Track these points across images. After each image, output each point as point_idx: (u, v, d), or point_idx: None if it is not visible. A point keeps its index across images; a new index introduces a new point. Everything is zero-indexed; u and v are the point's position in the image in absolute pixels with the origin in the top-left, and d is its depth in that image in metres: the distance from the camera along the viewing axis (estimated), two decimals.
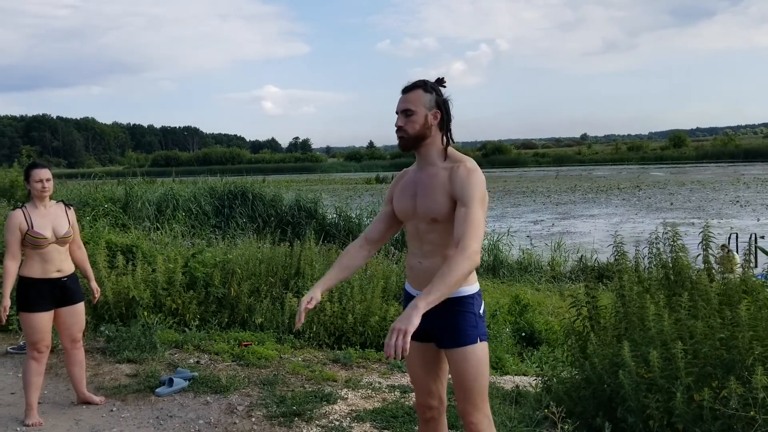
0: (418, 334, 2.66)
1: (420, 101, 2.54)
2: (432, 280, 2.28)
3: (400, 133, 2.57)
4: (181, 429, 3.95)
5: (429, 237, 2.57)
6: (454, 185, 2.49)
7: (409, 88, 2.58)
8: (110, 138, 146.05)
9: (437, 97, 2.57)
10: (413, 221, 2.63)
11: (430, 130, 2.56)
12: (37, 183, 4.18)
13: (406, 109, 2.55)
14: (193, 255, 7.03)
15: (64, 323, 4.28)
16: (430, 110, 2.54)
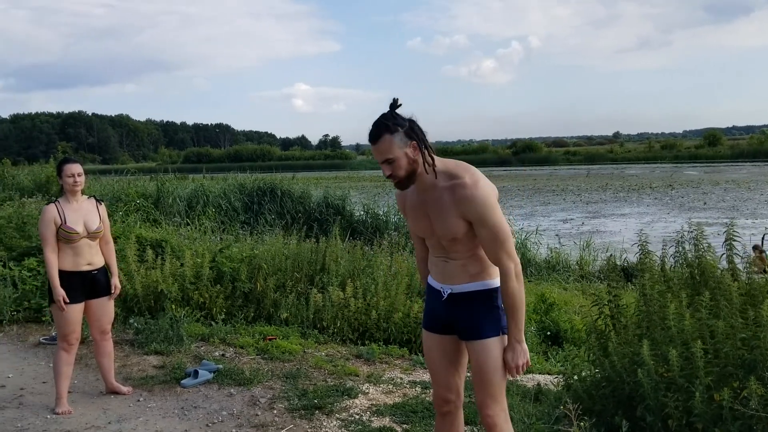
0: (441, 327, 2.71)
1: (393, 146, 2.46)
2: (508, 313, 2.57)
3: (393, 180, 2.54)
4: (204, 420, 4.04)
5: (454, 247, 2.61)
6: (462, 209, 2.48)
7: (375, 137, 2.48)
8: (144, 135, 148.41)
9: (404, 130, 2.48)
10: (435, 238, 2.66)
11: (417, 161, 2.50)
12: (69, 178, 4.30)
13: (387, 159, 2.48)
14: (220, 250, 7.14)
15: (93, 315, 4.40)
16: (405, 147, 2.47)
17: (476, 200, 2.45)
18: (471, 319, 2.61)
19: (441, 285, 2.69)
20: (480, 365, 2.60)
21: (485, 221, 2.46)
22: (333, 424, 3.94)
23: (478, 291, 2.60)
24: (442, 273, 2.68)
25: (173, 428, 3.92)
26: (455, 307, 2.64)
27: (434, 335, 2.76)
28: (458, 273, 2.62)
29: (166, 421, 4.04)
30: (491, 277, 2.61)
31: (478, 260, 2.59)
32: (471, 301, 2.60)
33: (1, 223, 8.33)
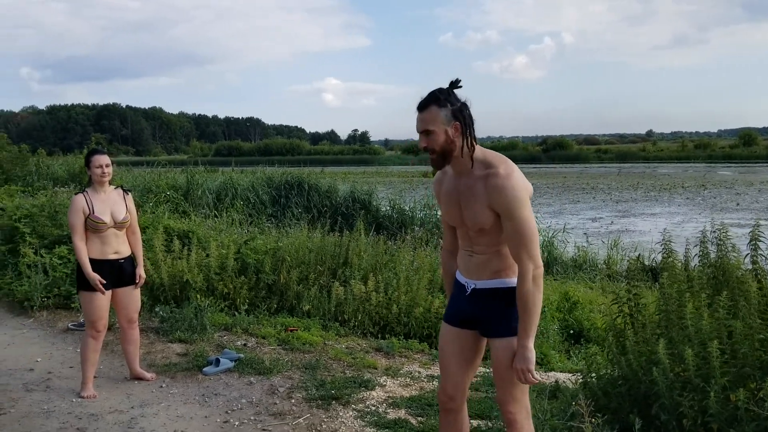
0: (461, 321, 2.72)
1: (436, 119, 2.50)
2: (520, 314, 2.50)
3: (428, 153, 2.57)
4: (224, 407, 4.13)
5: (479, 240, 2.62)
6: (492, 198, 2.48)
7: (424, 105, 2.53)
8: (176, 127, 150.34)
9: (453, 108, 2.51)
10: (463, 228, 2.68)
11: (455, 143, 2.53)
12: (97, 168, 4.41)
13: (425, 130, 2.53)
14: (245, 242, 7.24)
15: (120, 303, 4.51)
16: (448, 125, 2.50)
17: (506, 191, 2.45)
18: (494, 316, 2.61)
19: (466, 279, 2.70)
20: (502, 363, 2.59)
21: (512, 214, 2.45)
22: (349, 414, 3.99)
23: (501, 288, 2.59)
24: (468, 267, 2.69)
25: (194, 414, 4.01)
26: (478, 303, 2.65)
27: (453, 328, 2.77)
28: (482, 268, 2.63)
29: (187, 407, 4.13)
30: (515, 275, 2.57)
31: (502, 257, 2.59)
32: (494, 297, 2.60)
33: (34, 211, 8.55)
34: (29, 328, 6.05)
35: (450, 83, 2.58)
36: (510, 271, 2.60)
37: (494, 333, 2.63)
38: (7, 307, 6.70)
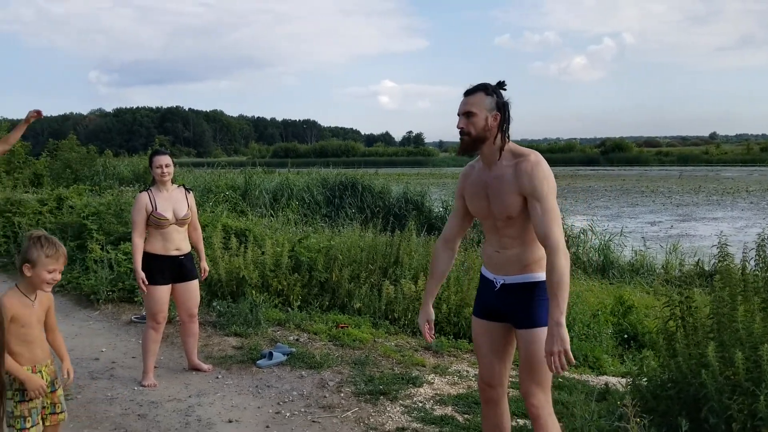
0: (490, 314, 2.79)
1: (481, 104, 2.64)
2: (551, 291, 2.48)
3: (462, 135, 2.68)
4: (276, 398, 4.27)
5: (506, 231, 2.69)
6: (521, 181, 2.59)
7: (471, 91, 2.69)
8: (236, 130, 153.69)
9: (498, 100, 2.66)
10: (490, 219, 2.74)
11: (491, 131, 2.65)
12: (158, 168, 4.63)
13: (467, 112, 2.66)
14: (299, 240, 7.42)
15: (180, 298, 4.72)
16: (490, 112, 2.64)
17: (535, 174, 2.57)
18: (523, 309, 2.68)
19: (494, 276, 2.76)
20: (529, 354, 2.66)
21: (540, 195, 2.56)
22: (396, 409, 4.07)
23: (530, 282, 2.67)
24: (496, 263, 2.75)
25: (247, 404, 4.17)
26: (507, 297, 2.72)
27: (483, 322, 2.85)
28: (511, 264, 2.70)
29: (241, 397, 4.29)
30: (541, 269, 2.66)
31: (529, 251, 2.67)
32: (523, 291, 2.68)
33: (101, 209, 8.97)
34: (95, 320, 6.37)
35: (497, 83, 2.73)
36: (536, 266, 2.67)
37: (523, 324, 2.70)
38: (75, 300, 7.06)
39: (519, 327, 2.71)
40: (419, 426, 3.82)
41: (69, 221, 9.12)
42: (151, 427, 3.81)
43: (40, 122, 14.77)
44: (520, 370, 2.75)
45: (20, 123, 5.32)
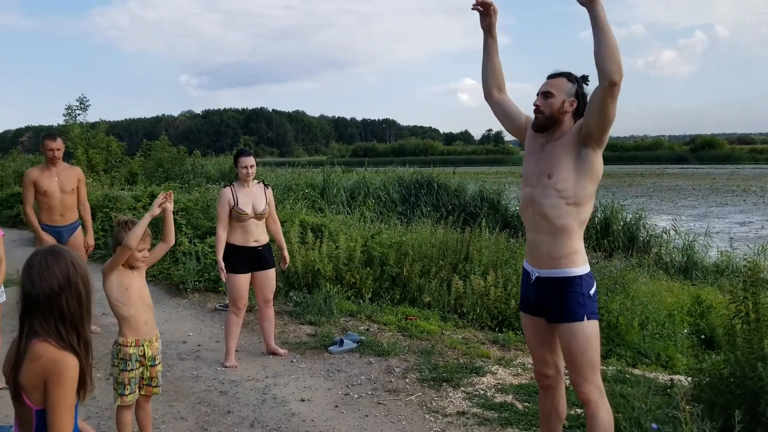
0: (532, 308, 2.92)
1: (562, 87, 2.79)
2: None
3: (536, 113, 2.82)
4: (345, 381, 4.54)
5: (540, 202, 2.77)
6: (583, 122, 2.71)
7: (555, 75, 2.84)
8: (317, 130, 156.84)
9: (578, 89, 2.79)
10: (530, 184, 2.85)
11: (564, 115, 2.78)
12: (243, 169, 4.99)
13: (546, 91, 2.80)
14: (372, 236, 7.69)
15: (258, 285, 5.07)
16: (568, 98, 2.78)
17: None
18: (557, 303, 2.78)
19: (531, 267, 2.88)
20: (567, 347, 2.77)
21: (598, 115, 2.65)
22: (458, 395, 4.25)
23: (563, 278, 2.75)
24: (532, 253, 2.87)
25: (318, 386, 4.46)
26: (542, 291, 2.83)
27: (528, 316, 2.97)
28: (545, 257, 2.79)
29: (313, 379, 4.59)
30: (575, 265, 2.75)
31: (561, 243, 2.75)
32: (557, 285, 2.77)
33: (189, 205, 9.56)
34: (183, 307, 6.87)
35: (582, 76, 2.86)
36: (569, 261, 2.75)
37: (557, 319, 2.79)
38: (166, 289, 7.61)
39: (554, 321, 2.81)
40: (479, 411, 3.99)
41: (161, 216, 9.74)
42: (232, 403, 4.15)
43: (135, 124, 15.02)
44: (566, 363, 2.86)
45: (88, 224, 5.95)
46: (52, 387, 1.73)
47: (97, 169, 18.16)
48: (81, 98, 20.44)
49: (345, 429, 3.76)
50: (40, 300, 1.77)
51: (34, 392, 1.75)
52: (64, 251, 1.87)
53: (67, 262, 1.81)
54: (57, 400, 1.73)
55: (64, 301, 1.78)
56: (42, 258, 1.82)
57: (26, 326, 1.81)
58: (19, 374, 1.76)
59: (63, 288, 1.78)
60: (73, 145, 18.74)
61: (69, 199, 5.58)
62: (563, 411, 3.10)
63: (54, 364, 1.74)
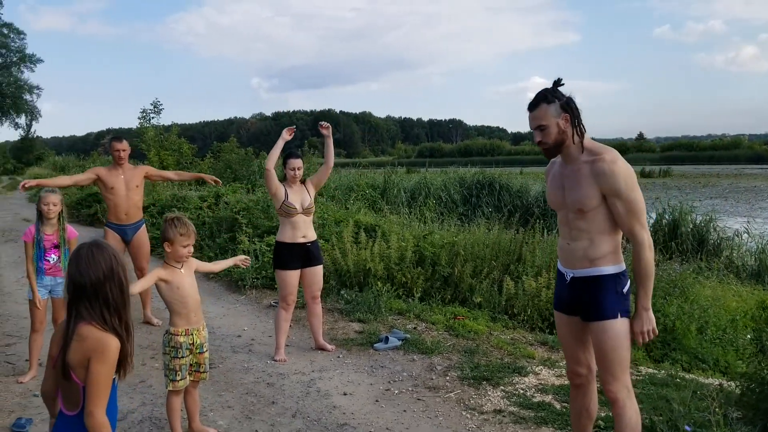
0: (566, 308, 2.97)
1: (547, 114, 2.80)
2: (638, 281, 2.78)
3: (541, 147, 2.87)
4: (387, 377, 4.66)
5: (577, 224, 2.85)
6: (600, 180, 2.73)
7: (533, 105, 2.83)
8: (383, 130, 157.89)
9: (560, 102, 2.79)
10: (564, 210, 2.92)
11: (566, 133, 2.82)
12: (291, 170, 5.20)
13: (538, 126, 2.82)
14: (424, 236, 7.78)
15: (307, 281, 5.24)
16: (558, 117, 2.79)
17: (615, 175, 2.70)
18: (591, 302, 2.81)
19: (565, 269, 2.93)
20: (598, 345, 2.81)
21: (621, 194, 2.70)
22: (497, 394, 4.30)
23: (597, 276, 2.80)
24: (566, 257, 2.92)
25: (361, 381, 4.59)
26: (577, 290, 2.87)
27: (562, 315, 3.01)
28: (579, 257, 2.84)
29: (357, 374, 4.73)
30: (610, 263, 2.79)
31: (597, 245, 2.80)
32: (591, 284, 2.81)
33: (251, 205, 9.90)
34: (241, 303, 7.14)
35: (553, 82, 2.87)
36: (604, 260, 2.79)
37: (591, 317, 2.83)
38: (226, 286, 7.92)
39: (588, 319, 2.85)
40: (515, 410, 4.03)
41: (224, 216, 10.16)
42: (277, 394, 4.34)
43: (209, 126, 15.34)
44: (596, 360, 2.89)
45: (199, 174, 6.68)
46: (94, 363, 1.91)
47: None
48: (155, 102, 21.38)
49: (382, 422, 3.87)
50: (86, 287, 1.97)
51: (81, 370, 1.94)
52: (107, 245, 2.07)
53: (110, 254, 2.01)
54: (96, 376, 1.91)
55: (108, 289, 1.97)
56: (88, 250, 2.02)
57: (74, 311, 2.01)
58: (67, 354, 1.95)
59: (107, 277, 1.98)
60: (147, 147, 19.64)
61: (134, 196, 5.91)
62: (594, 411, 3.12)
63: (98, 343, 1.93)
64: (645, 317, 2.77)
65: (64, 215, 4.67)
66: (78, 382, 1.95)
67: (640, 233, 2.72)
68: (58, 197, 4.63)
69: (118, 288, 2.02)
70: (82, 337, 1.95)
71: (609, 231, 2.79)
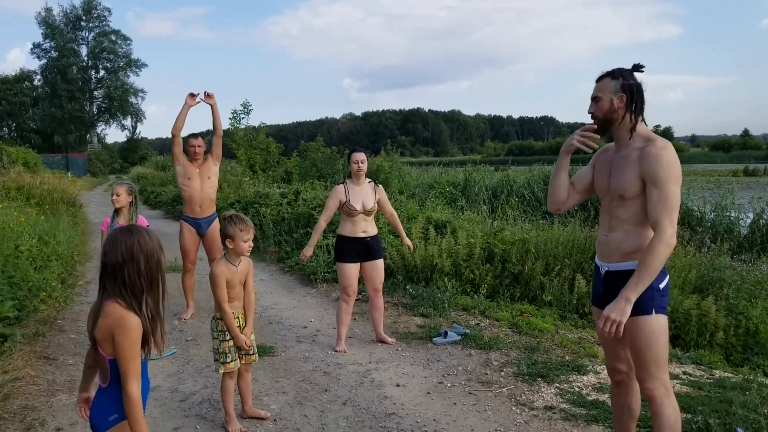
0: (602, 302, 2.89)
1: (606, 88, 2.78)
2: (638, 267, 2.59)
3: (592, 118, 2.85)
4: (442, 371, 4.67)
5: (616, 212, 2.78)
6: (644, 165, 2.66)
7: (601, 77, 2.83)
8: (472, 129, 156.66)
9: (623, 82, 2.75)
10: (606, 198, 2.85)
11: (618, 113, 2.77)
12: (355, 164, 5.29)
13: (594, 97, 2.82)
14: (494, 233, 7.71)
15: (367, 275, 5.34)
16: (615, 95, 2.75)
17: (659, 160, 2.62)
18: None
19: (601, 262, 2.86)
20: (633, 341, 2.71)
21: (659, 182, 2.60)
22: (550, 391, 4.22)
23: (631, 271, 2.68)
24: (602, 250, 2.84)
25: (416, 373, 4.63)
26: (611, 285, 2.78)
27: (598, 310, 2.93)
28: (614, 251, 2.77)
29: (412, 367, 4.77)
30: None
31: (633, 238, 2.71)
32: (625, 279, 2.69)
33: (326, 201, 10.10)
34: (311, 296, 7.34)
35: (633, 65, 2.82)
36: (638, 254, 2.69)
37: None
38: (299, 279, 8.16)
39: None
40: (567, 407, 3.94)
41: (302, 212, 10.45)
42: (331, 383, 4.45)
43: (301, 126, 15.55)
44: (632, 357, 2.80)
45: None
46: (118, 338, 2.06)
47: (255, 168, 19.61)
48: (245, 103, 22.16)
49: (430, 414, 3.90)
50: (108, 267, 2.12)
51: (106, 344, 2.09)
52: (138, 230, 2.20)
53: (134, 240, 2.13)
54: (123, 352, 2.05)
55: (126, 272, 2.10)
56: (116, 233, 2.17)
57: (102, 288, 2.16)
58: (95, 329, 2.11)
59: (126, 260, 2.11)
60: (237, 146, 20.41)
61: (207, 188, 6.20)
62: (636, 408, 3.02)
63: (119, 320, 2.07)
64: (619, 307, 2.57)
65: (137, 205, 4.95)
66: (104, 355, 2.10)
67: (664, 226, 2.57)
68: (124, 188, 4.92)
69: (136, 272, 2.11)
70: (107, 313, 2.09)
71: (645, 224, 2.70)
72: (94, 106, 63.39)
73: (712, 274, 7.07)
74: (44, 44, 60.69)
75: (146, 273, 2.12)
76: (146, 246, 2.14)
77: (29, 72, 61.97)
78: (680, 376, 4.62)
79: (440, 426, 3.73)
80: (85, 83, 61.85)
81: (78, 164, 44.50)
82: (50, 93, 59.65)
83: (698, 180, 30.88)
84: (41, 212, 11.25)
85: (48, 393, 4.20)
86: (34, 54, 61.34)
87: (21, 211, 9.00)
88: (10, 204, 9.52)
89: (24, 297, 5.71)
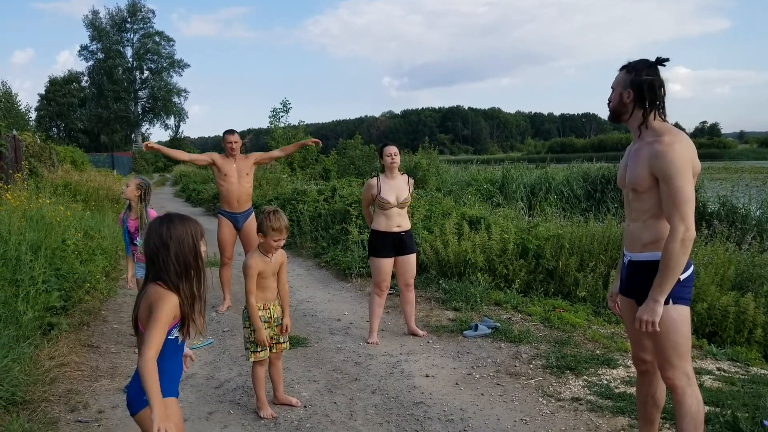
0: (626, 290, 2.92)
1: (619, 81, 2.82)
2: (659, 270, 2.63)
3: (608, 106, 2.90)
4: (471, 363, 4.72)
5: (634, 204, 2.81)
6: (651, 162, 2.67)
7: (621, 68, 2.86)
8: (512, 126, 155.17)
9: (633, 78, 2.76)
10: (625, 190, 2.88)
11: (626, 107, 2.80)
12: (388, 157, 5.37)
13: (612, 86, 2.87)
14: (528, 229, 7.70)
15: (400, 269, 5.42)
16: (624, 90, 2.79)
17: (665, 156, 2.62)
18: (645, 286, 2.72)
19: (625, 251, 2.88)
20: (656, 332, 2.71)
21: (667, 177, 2.61)
22: (578, 383, 4.24)
23: (650, 261, 2.72)
24: (627, 239, 2.88)
25: (445, 365, 4.69)
26: (633, 274, 2.81)
27: (625, 299, 2.96)
28: (635, 240, 2.79)
29: (442, 359, 4.83)
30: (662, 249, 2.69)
31: (653, 229, 2.72)
32: (645, 269, 2.73)
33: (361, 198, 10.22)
34: (346, 290, 7.46)
35: (656, 59, 2.80)
36: (656, 245, 2.71)
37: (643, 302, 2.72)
38: (335, 273, 8.29)
39: (641, 304, 2.76)
40: (594, 399, 3.96)
41: (338, 208, 10.59)
42: (362, 372, 4.54)
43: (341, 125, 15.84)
44: (653, 347, 2.81)
45: (300, 142, 6.94)
46: (153, 311, 2.18)
47: (293, 165, 19.89)
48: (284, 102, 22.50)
49: (458, 404, 3.96)
50: (147, 256, 2.26)
51: (146, 322, 2.22)
52: (169, 218, 2.32)
53: (164, 227, 2.27)
54: (151, 323, 2.17)
55: (161, 258, 2.23)
56: (152, 223, 2.31)
57: (146, 276, 2.31)
58: (137, 310, 2.25)
59: (159, 248, 2.24)
60: (276, 144, 20.73)
61: (245, 183, 6.36)
62: (661, 399, 3.03)
63: (156, 296, 2.21)
64: (649, 308, 2.64)
65: (147, 200, 4.88)
66: (144, 332, 2.24)
67: (676, 223, 2.58)
68: (135, 182, 4.91)
69: (169, 257, 2.23)
70: (148, 294, 2.23)
71: (661, 216, 2.70)
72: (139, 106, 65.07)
73: (752, 271, 6.95)
74: (91, 46, 62.66)
75: (179, 257, 2.24)
76: (175, 232, 2.26)
77: (77, 73, 64.03)
78: (714, 372, 4.58)
79: (467, 415, 3.79)
80: (130, 84, 63.59)
81: (123, 163, 45.75)
82: (97, 94, 61.49)
83: (747, 178, 30.09)
84: (87, 208, 11.65)
85: (91, 378, 4.40)
86: (82, 56, 63.46)
87: (68, 206, 9.34)
88: (57, 200, 9.88)
89: (70, 288, 5.96)
